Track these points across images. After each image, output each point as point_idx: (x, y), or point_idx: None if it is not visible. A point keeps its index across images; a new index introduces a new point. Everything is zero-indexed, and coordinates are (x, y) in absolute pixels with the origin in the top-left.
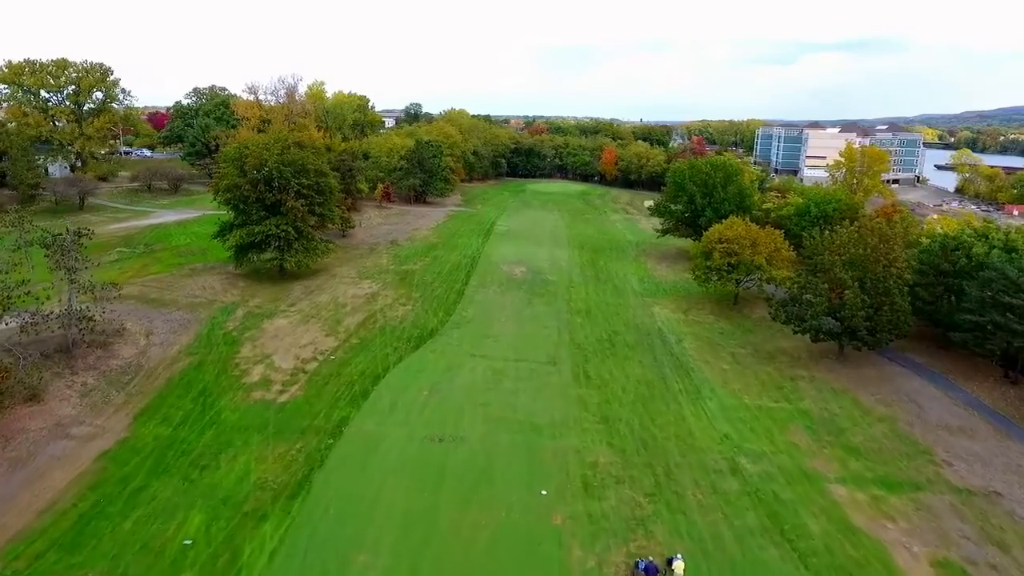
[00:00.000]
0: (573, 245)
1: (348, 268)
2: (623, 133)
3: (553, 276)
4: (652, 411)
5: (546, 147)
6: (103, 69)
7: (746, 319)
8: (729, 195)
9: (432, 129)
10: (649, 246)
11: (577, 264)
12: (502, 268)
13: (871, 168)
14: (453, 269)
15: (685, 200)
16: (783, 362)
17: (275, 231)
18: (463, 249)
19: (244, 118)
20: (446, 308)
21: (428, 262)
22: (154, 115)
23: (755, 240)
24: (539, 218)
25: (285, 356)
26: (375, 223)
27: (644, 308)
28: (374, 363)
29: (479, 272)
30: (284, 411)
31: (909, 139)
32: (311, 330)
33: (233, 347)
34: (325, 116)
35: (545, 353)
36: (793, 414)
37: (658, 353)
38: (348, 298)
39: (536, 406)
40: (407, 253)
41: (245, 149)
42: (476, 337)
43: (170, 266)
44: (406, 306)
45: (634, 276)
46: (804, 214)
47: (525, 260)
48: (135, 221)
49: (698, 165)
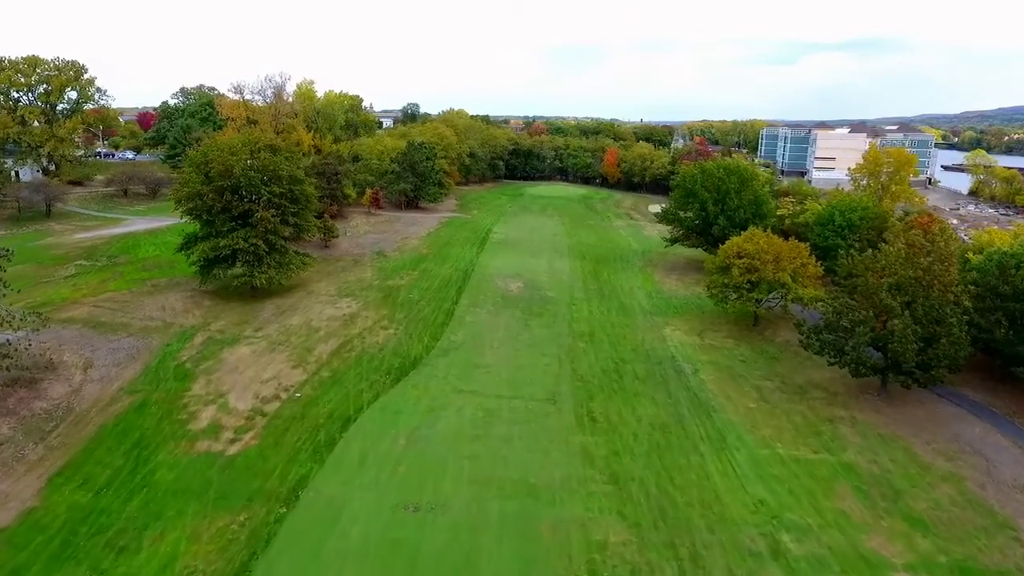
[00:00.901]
0: (574, 255)
1: (327, 284)
2: (624, 134)
3: (553, 292)
4: (670, 466)
5: (546, 148)
6: (77, 67)
7: (769, 343)
8: (744, 202)
9: (426, 130)
10: (656, 256)
11: (579, 277)
12: (497, 283)
13: (898, 172)
14: (443, 285)
15: (696, 207)
16: (817, 399)
17: (243, 245)
18: (455, 261)
19: (229, 119)
20: (433, 332)
21: (416, 277)
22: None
23: (778, 254)
24: (538, 224)
25: (242, 394)
26: (362, 231)
27: (654, 330)
28: (345, 402)
29: (471, 288)
30: (232, 467)
31: (920, 139)
32: (277, 360)
33: (184, 383)
34: (315, 116)
35: (544, 388)
36: (837, 469)
37: (673, 387)
38: (323, 320)
39: (532, 459)
40: (394, 266)
41: (211, 153)
42: (465, 368)
43: (131, 282)
44: (388, 330)
45: (641, 291)
46: (827, 223)
47: (522, 273)
48: (104, 230)
49: (710, 169)
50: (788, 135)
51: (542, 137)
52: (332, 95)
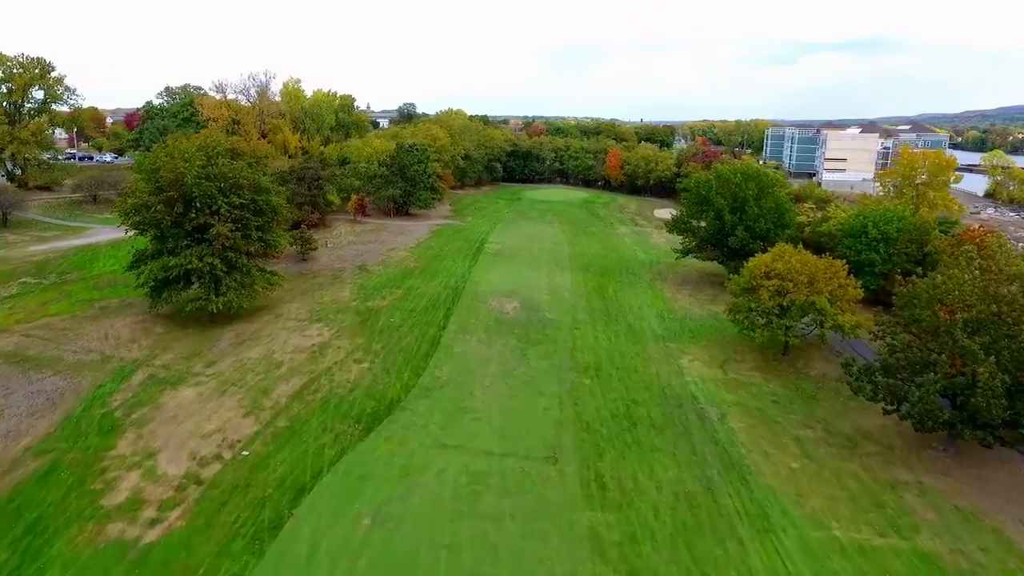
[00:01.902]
0: (576, 267)
1: (299, 305)
2: (626, 134)
3: (553, 312)
4: (702, 558)
5: (545, 150)
6: (43, 64)
7: (803, 378)
8: (764, 210)
9: (418, 131)
10: (665, 267)
11: (582, 293)
12: (490, 303)
13: (935, 177)
14: (429, 306)
15: (711, 216)
16: (872, 455)
17: (197, 264)
18: (445, 276)
19: (211, 119)
20: (415, 365)
21: (400, 296)
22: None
23: (813, 274)
24: (537, 232)
25: (176, 453)
26: (345, 242)
27: (669, 360)
28: (302, 463)
29: (462, 310)
30: (146, 563)
31: (934, 140)
32: (226, 406)
33: (108, 438)
34: (302, 117)
35: (542, 440)
36: (914, 562)
37: (697, 439)
38: (287, 353)
39: (528, 549)
40: (376, 283)
41: (160, 159)
42: (450, 413)
43: (77, 303)
44: (362, 364)
45: (651, 310)
46: (858, 234)
47: (519, 290)
48: (62, 241)
49: (725, 175)
50: (795, 135)
51: (541, 138)
52: (321, 94)
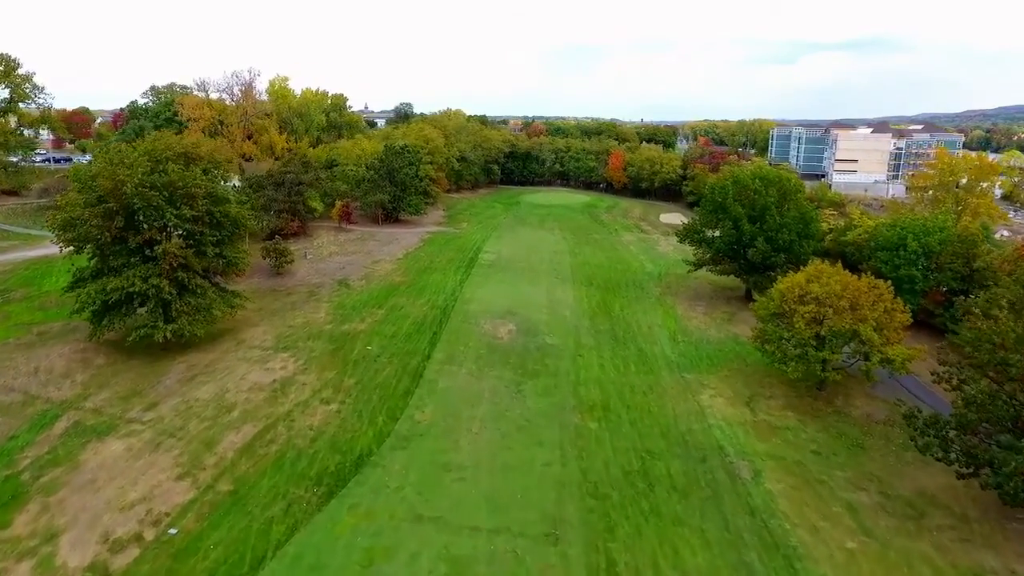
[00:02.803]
0: (579, 280)
1: (266, 329)
2: (627, 134)
3: (553, 336)
4: None
5: (545, 151)
6: (7, 61)
7: (845, 420)
8: (788, 220)
9: (410, 132)
10: (675, 279)
11: (586, 312)
12: (483, 326)
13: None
14: (413, 330)
15: (727, 225)
16: (945, 529)
17: (140, 287)
18: (433, 292)
19: (191, 119)
20: (391, 406)
21: (381, 317)
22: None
23: (856, 298)
24: (536, 240)
25: (86, 534)
26: (326, 253)
27: (687, 396)
28: (242, 545)
29: (450, 334)
30: None
31: (948, 140)
32: (159, 464)
33: (6, 512)
34: (290, 116)
35: (540, 511)
36: None
37: (728, 507)
38: (243, 391)
39: None
40: (356, 301)
41: (101, 165)
42: (430, 471)
43: (13, 328)
44: (330, 405)
45: (663, 331)
46: (895, 247)
47: (515, 309)
48: (16, 252)
49: (743, 179)
50: (803, 135)
51: (541, 138)
52: (309, 93)
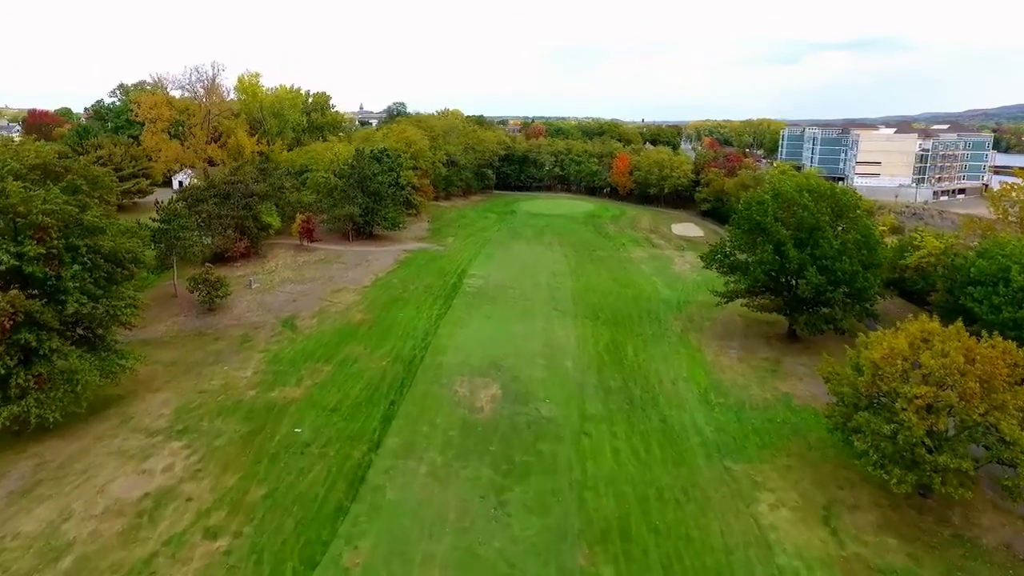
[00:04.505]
0: (582, 312)
1: (165, 398)
2: (630, 135)
3: (551, 403)
4: None
5: (544, 153)
6: None
7: (974, 552)
8: (846, 244)
9: (391, 133)
10: (697, 309)
11: (592, 360)
12: (457, 390)
13: None
14: (365, 398)
15: (768, 250)
16: None
17: None
18: (400, 336)
19: (149, 119)
20: (311, 539)
21: (325, 378)
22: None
23: (990, 374)
24: (532, 259)
25: None
26: (278, 280)
27: (738, 507)
28: None
29: (412, 404)
30: None
31: (976, 140)
32: None
33: None
34: (262, 116)
35: None
36: None
37: None
38: (93, 516)
39: None
40: (298, 351)
41: None
42: None
43: None
44: (217, 541)
45: (691, 386)
46: (993, 281)
47: (502, 360)
48: None
49: (787, 192)
50: (818, 135)
51: (540, 140)
52: (284, 91)
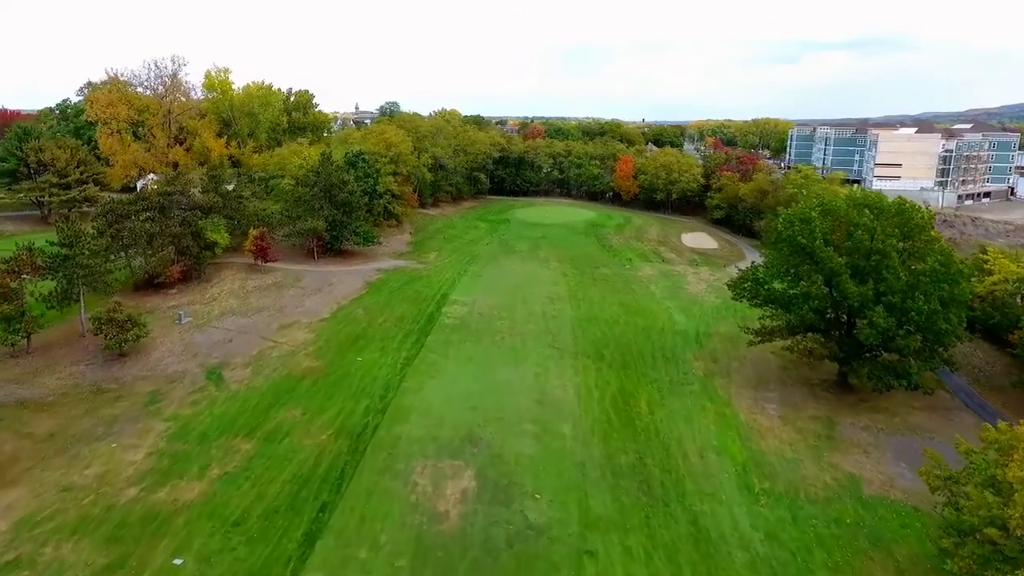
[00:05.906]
0: (584, 350)
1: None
2: (632, 135)
3: (542, 500)
4: None
5: (542, 155)
6: None
7: None
8: (924, 280)
9: (370, 134)
10: (720, 342)
11: (597, 424)
12: (416, 480)
13: None
14: (287, 500)
15: (817, 281)
16: None
17: None
18: (353, 394)
19: (102, 120)
20: None
21: (238, 465)
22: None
23: None
24: (525, 279)
25: None
26: (217, 311)
27: None
28: None
29: (352, 506)
30: None
31: (1003, 141)
32: None
33: None
34: (232, 116)
35: None
36: None
37: None
38: None
39: None
40: (215, 419)
41: None
42: None
43: None
44: None
45: (726, 465)
46: None
47: (481, 429)
48: None
49: (837, 208)
50: (830, 135)
51: (537, 141)
52: (254, 87)
